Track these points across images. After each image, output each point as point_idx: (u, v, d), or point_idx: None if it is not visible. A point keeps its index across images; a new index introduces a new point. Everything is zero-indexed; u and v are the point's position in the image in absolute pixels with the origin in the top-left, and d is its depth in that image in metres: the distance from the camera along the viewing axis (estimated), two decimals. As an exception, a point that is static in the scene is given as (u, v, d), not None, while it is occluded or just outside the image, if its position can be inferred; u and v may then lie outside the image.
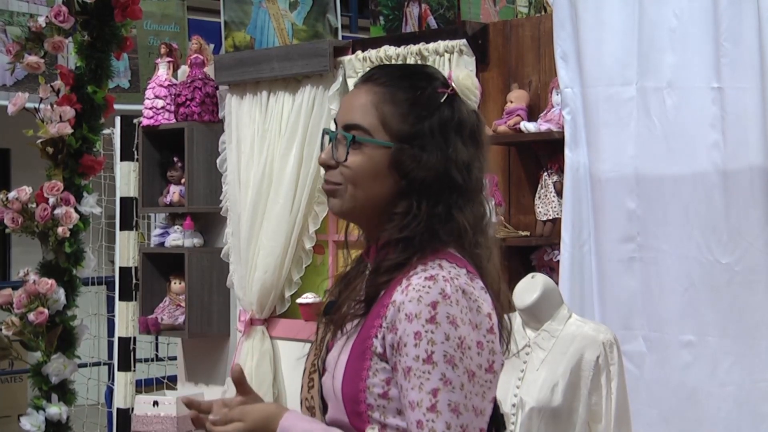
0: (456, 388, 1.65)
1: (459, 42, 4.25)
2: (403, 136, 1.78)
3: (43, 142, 4.14)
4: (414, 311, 1.68)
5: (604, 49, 3.77)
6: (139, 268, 5.29)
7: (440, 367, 1.65)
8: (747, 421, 3.49)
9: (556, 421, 3.02)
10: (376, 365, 1.72)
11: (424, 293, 1.68)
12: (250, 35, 5.80)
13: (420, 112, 1.79)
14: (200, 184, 5.03)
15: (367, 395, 1.72)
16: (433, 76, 1.84)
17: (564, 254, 3.84)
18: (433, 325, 1.66)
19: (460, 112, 1.81)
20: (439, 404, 1.64)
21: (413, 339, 1.67)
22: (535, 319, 3.10)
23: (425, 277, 1.71)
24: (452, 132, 1.80)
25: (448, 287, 1.69)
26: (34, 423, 4.17)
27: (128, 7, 4.13)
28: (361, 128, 1.79)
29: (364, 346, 1.73)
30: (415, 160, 1.77)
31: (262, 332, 4.85)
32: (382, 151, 1.78)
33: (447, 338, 1.66)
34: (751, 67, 3.45)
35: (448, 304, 1.68)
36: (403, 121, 1.79)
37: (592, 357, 3.02)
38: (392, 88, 1.81)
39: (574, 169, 3.85)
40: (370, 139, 1.79)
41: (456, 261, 1.76)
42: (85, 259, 4.27)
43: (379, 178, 1.79)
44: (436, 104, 1.80)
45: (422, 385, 1.65)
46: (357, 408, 1.72)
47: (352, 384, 1.73)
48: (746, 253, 3.48)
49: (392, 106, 1.80)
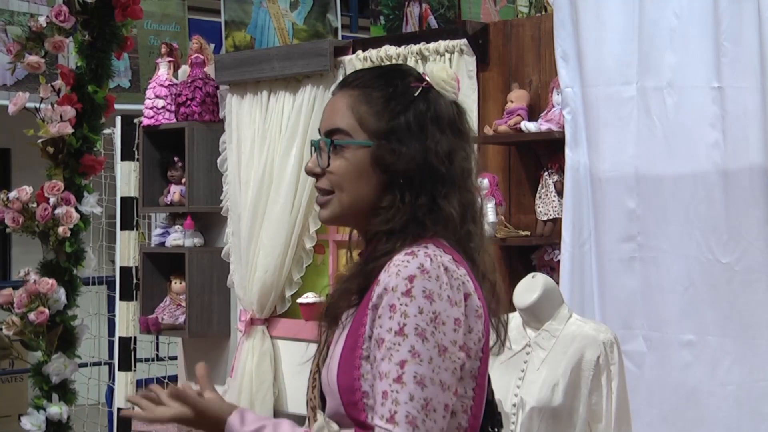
0: (424, 361, 1.66)
1: (459, 42, 4.25)
2: (381, 132, 1.80)
3: (43, 141, 4.14)
4: (392, 284, 1.70)
5: (605, 48, 3.78)
6: (140, 267, 5.29)
7: (410, 339, 1.66)
8: (747, 420, 3.49)
9: (556, 420, 3.02)
10: (368, 351, 1.73)
11: (402, 267, 1.70)
12: (250, 35, 5.81)
13: (394, 107, 1.81)
14: (201, 183, 5.03)
15: (362, 383, 1.73)
16: (406, 73, 1.87)
17: (564, 254, 3.84)
18: (408, 298, 1.68)
19: (436, 104, 1.83)
20: (405, 376, 1.65)
21: (388, 311, 1.69)
22: (536, 318, 3.10)
23: (405, 252, 1.73)
24: (429, 123, 1.81)
25: (427, 262, 1.71)
26: (35, 423, 4.17)
27: (129, 7, 4.12)
28: (340, 131, 1.82)
29: (356, 334, 1.75)
30: (394, 154, 1.79)
31: (263, 332, 4.85)
32: (362, 150, 1.81)
33: (420, 311, 1.67)
34: (751, 67, 3.45)
35: (426, 279, 1.69)
36: (379, 119, 1.81)
37: (592, 357, 3.02)
38: (366, 88, 1.84)
39: (575, 169, 3.85)
40: (348, 141, 1.81)
41: (443, 248, 1.77)
42: (86, 258, 4.27)
43: (363, 178, 1.80)
44: (410, 98, 1.82)
45: (392, 356, 1.67)
46: (352, 397, 1.73)
47: (346, 374, 1.74)
48: (746, 252, 3.48)
49: (367, 106, 1.82)
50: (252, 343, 4.83)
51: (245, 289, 4.84)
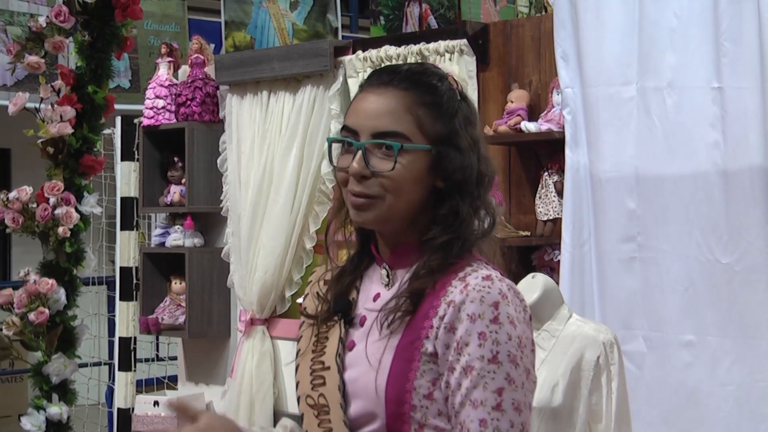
0: (518, 387, 1.69)
1: (459, 42, 4.25)
2: (440, 137, 1.77)
3: (43, 142, 4.15)
4: (477, 311, 1.69)
5: (605, 49, 3.78)
6: (140, 268, 5.29)
7: (505, 366, 1.68)
8: (747, 421, 3.49)
9: (556, 421, 3.02)
10: (424, 366, 1.72)
11: (485, 293, 1.70)
12: (250, 35, 5.81)
13: (447, 110, 1.78)
14: (201, 184, 5.03)
15: (412, 396, 1.72)
16: (442, 75, 1.83)
17: (564, 254, 3.84)
18: (496, 326, 1.69)
19: (470, 106, 1.83)
20: (504, 403, 1.67)
21: (477, 339, 1.68)
22: (536, 318, 3.10)
23: (482, 277, 1.72)
24: (471, 127, 1.81)
25: (504, 287, 1.72)
26: (35, 423, 4.18)
27: (129, 7, 4.13)
28: (399, 135, 1.76)
29: (412, 347, 1.73)
30: (455, 160, 1.77)
31: (263, 332, 4.85)
32: (421, 155, 1.76)
33: (509, 338, 1.69)
34: (751, 67, 3.45)
35: (506, 304, 1.70)
36: (437, 122, 1.77)
37: (592, 357, 3.02)
38: (417, 90, 1.78)
39: (575, 169, 3.85)
40: (414, 146, 1.75)
41: (490, 264, 1.79)
42: (86, 259, 4.27)
43: (419, 183, 1.77)
44: (457, 101, 1.80)
45: (487, 384, 1.67)
46: (400, 409, 1.72)
47: (397, 385, 1.72)
48: (746, 252, 3.48)
49: (424, 108, 1.77)
50: (252, 343, 4.83)
51: (245, 289, 4.84)
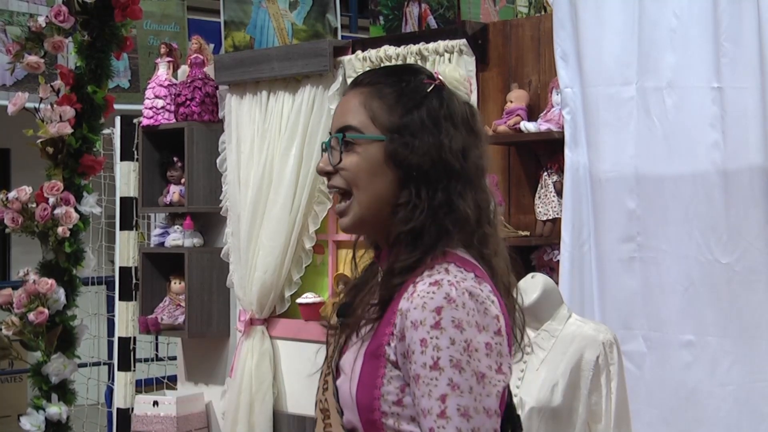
0: (465, 392, 1.64)
1: (459, 42, 4.25)
2: (393, 127, 1.79)
3: (43, 141, 4.14)
4: (419, 318, 1.67)
5: (604, 48, 3.78)
6: (139, 267, 5.29)
7: (447, 372, 1.64)
8: (747, 421, 3.49)
9: (555, 421, 3.02)
10: (390, 372, 1.71)
11: (428, 299, 1.68)
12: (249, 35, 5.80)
13: (407, 102, 1.79)
14: (200, 184, 5.03)
15: (381, 403, 1.71)
16: (418, 70, 1.86)
17: (564, 254, 3.84)
18: (437, 331, 1.65)
19: (449, 102, 1.82)
20: (448, 410, 1.64)
21: (420, 346, 1.66)
22: (535, 319, 3.10)
23: (429, 282, 1.70)
24: (443, 119, 1.79)
25: (453, 291, 1.68)
26: (34, 423, 4.17)
27: (128, 7, 4.13)
28: (352, 128, 1.80)
29: (377, 353, 1.73)
30: (407, 147, 1.77)
31: (262, 332, 4.85)
32: (374, 145, 1.78)
33: (452, 342, 1.65)
34: (751, 67, 3.45)
35: (453, 308, 1.67)
36: (392, 113, 1.79)
37: (591, 357, 3.02)
38: (378, 85, 1.82)
39: (574, 169, 3.85)
40: (360, 135, 1.79)
41: (464, 264, 1.75)
42: (85, 258, 4.27)
43: (377, 174, 1.78)
44: (423, 94, 1.80)
45: (431, 392, 1.65)
46: (371, 416, 1.72)
47: (366, 392, 1.73)
48: (746, 252, 3.48)
49: (380, 101, 1.80)
50: (251, 343, 4.83)
51: (245, 289, 4.84)
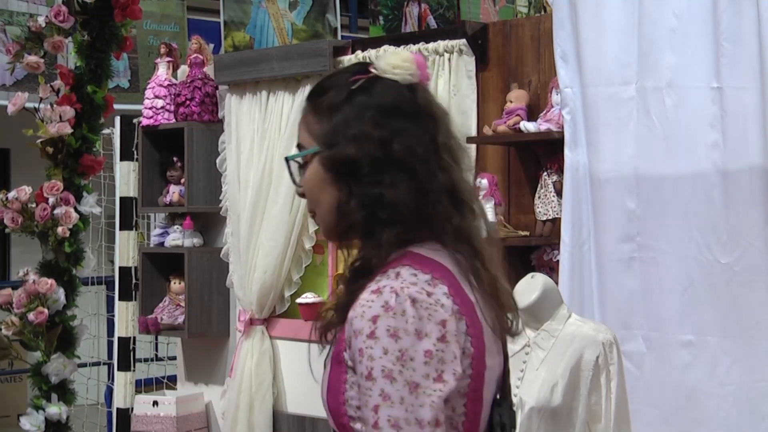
0: (395, 403, 1.61)
1: (459, 42, 4.25)
2: (324, 135, 1.78)
3: (42, 141, 4.14)
4: (359, 327, 1.65)
5: (604, 48, 3.78)
6: (139, 267, 5.29)
7: (379, 382, 1.62)
8: (747, 420, 3.49)
9: (555, 420, 3.02)
10: (351, 378, 1.70)
11: (367, 308, 1.66)
12: (249, 35, 5.80)
13: (333, 107, 1.78)
14: (200, 184, 5.03)
15: (347, 408, 1.70)
16: (348, 69, 1.84)
17: (564, 254, 3.84)
18: (372, 341, 1.63)
19: (380, 92, 1.78)
20: (380, 420, 1.61)
21: (358, 356, 1.65)
22: (535, 319, 3.10)
23: (372, 290, 1.68)
24: (368, 112, 1.76)
25: (393, 299, 1.65)
26: (34, 423, 4.17)
27: (128, 7, 4.13)
28: (299, 146, 1.83)
29: (339, 359, 1.72)
30: (337, 150, 1.76)
31: (262, 332, 4.85)
32: (315, 159, 1.79)
33: (385, 352, 1.62)
34: (751, 67, 3.45)
35: (389, 317, 1.64)
36: (321, 122, 1.79)
37: (591, 357, 3.02)
38: (312, 99, 1.83)
39: (574, 169, 3.85)
40: (299, 154, 1.81)
41: (422, 266, 1.71)
42: (85, 258, 4.27)
43: (324, 186, 1.79)
44: (347, 94, 1.78)
45: (367, 402, 1.63)
46: (341, 420, 1.71)
47: (334, 397, 1.72)
48: (746, 252, 3.48)
49: (313, 114, 1.81)
50: (251, 343, 4.83)
51: (244, 289, 4.84)
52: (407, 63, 1.81)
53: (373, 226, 1.73)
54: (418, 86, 1.82)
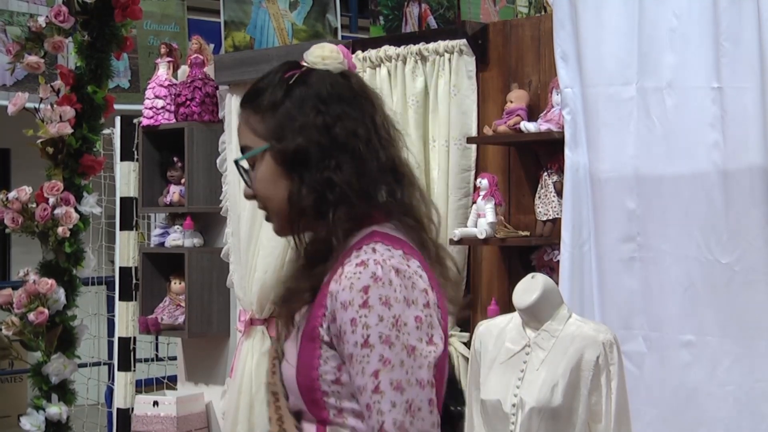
0: (396, 366, 1.69)
1: (459, 42, 4.25)
2: (270, 132, 1.86)
3: (43, 142, 4.14)
4: (348, 299, 1.72)
5: (604, 49, 3.78)
6: (139, 268, 5.29)
7: (377, 348, 1.70)
8: (747, 421, 3.49)
9: (555, 421, 3.02)
10: (326, 353, 1.77)
11: (355, 279, 1.73)
12: (249, 35, 5.80)
13: (274, 103, 1.86)
14: (200, 184, 5.03)
15: (320, 383, 1.77)
16: (280, 68, 1.91)
17: (564, 254, 3.84)
18: (366, 309, 1.71)
19: (316, 82, 1.86)
20: (381, 384, 1.69)
21: (350, 326, 1.72)
22: (535, 319, 3.10)
23: (356, 263, 1.75)
24: (309, 101, 1.84)
25: (379, 269, 1.73)
26: (34, 423, 4.17)
27: (128, 7, 4.12)
28: (244, 149, 1.90)
29: (312, 335, 1.78)
30: (285, 143, 1.83)
31: (262, 332, 4.85)
32: (265, 156, 1.86)
33: (381, 319, 1.70)
34: (751, 67, 3.45)
35: (379, 286, 1.72)
36: (265, 120, 1.86)
37: (591, 357, 3.02)
38: (248, 102, 1.90)
39: (574, 169, 3.85)
40: (249, 153, 1.87)
41: (392, 243, 1.79)
42: (85, 259, 4.26)
43: (276, 181, 1.85)
44: (285, 88, 1.86)
45: (364, 369, 1.70)
46: (313, 396, 1.78)
47: (305, 373, 1.78)
48: (746, 252, 3.48)
49: (254, 115, 1.88)
50: (251, 343, 4.83)
51: (245, 289, 4.84)
52: (335, 53, 1.89)
53: (323, 207, 1.81)
54: (350, 73, 1.90)
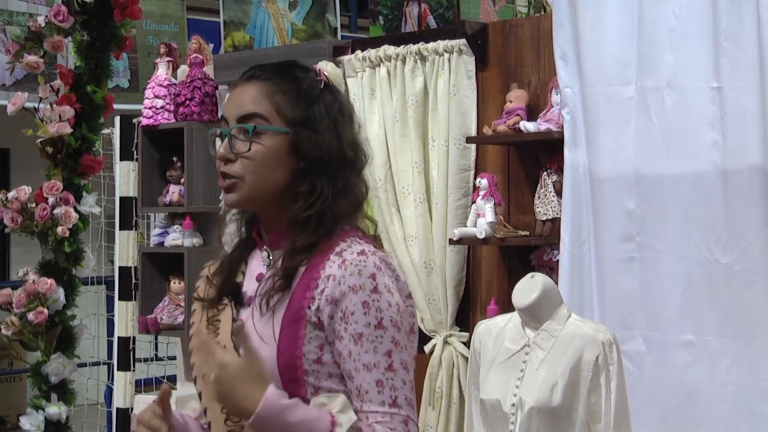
0: (404, 349, 1.86)
1: (458, 42, 4.25)
2: (298, 121, 1.92)
3: (42, 141, 4.14)
4: (358, 283, 1.84)
5: (604, 48, 3.78)
6: (139, 267, 5.29)
7: (390, 331, 1.85)
8: (747, 420, 3.49)
9: (555, 420, 3.02)
10: (311, 334, 1.86)
11: (362, 266, 1.85)
12: (249, 35, 5.80)
13: (307, 98, 1.94)
14: (200, 183, 5.03)
15: (303, 362, 1.86)
16: (307, 68, 2.00)
17: (563, 254, 3.84)
18: (377, 294, 1.84)
19: (339, 97, 1.99)
20: (394, 363, 1.84)
21: (362, 308, 1.84)
22: (535, 318, 3.10)
23: (357, 252, 1.87)
24: (337, 114, 1.96)
25: (377, 260, 1.87)
26: (34, 423, 4.17)
27: (128, 7, 4.12)
28: (259, 116, 1.92)
29: (297, 316, 1.87)
30: (311, 142, 1.91)
31: (262, 332, 4.84)
32: (280, 137, 1.91)
33: (390, 305, 1.85)
34: (751, 67, 3.45)
35: (382, 275, 1.86)
36: (295, 107, 1.92)
37: (591, 357, 3.02)
38: (277, 80, 1.95)
39: (574, 169, 3.85)
40: (269, 127, 1.91)
41: (363, 239, 1.93)
42: (85, 258, 4.26)
43: (279, 164, 1.91)
44: (318, 91, 1.95)
45: (377, 348, 1.84)
46: (294, 374, 1.87)
47: (288, 353, 1.87)
48: (746, 252, 3.48)
49: (282, 96, 1.93)
50: (251, 343, 4.82)
51: (244, 289, 4.83)
52: (339, 78, 2.04)
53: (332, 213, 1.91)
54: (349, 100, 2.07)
